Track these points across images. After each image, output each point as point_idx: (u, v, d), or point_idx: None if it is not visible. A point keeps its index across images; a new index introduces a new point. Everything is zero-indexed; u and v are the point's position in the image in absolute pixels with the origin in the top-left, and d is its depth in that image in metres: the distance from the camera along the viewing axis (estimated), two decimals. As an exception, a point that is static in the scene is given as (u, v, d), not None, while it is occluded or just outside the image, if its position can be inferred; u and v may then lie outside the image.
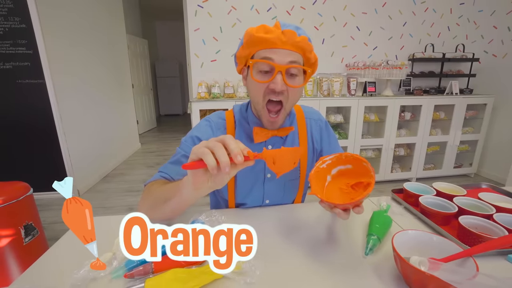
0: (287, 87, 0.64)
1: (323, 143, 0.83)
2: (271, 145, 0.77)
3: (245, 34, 0.65)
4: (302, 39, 0.62)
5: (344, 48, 2.75)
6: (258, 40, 0.62)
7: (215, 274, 0.49)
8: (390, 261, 0.53)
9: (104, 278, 0.50)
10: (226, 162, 0.43)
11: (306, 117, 0.82)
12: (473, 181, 2.89)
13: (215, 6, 2.46)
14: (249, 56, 0.67)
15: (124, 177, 3.04)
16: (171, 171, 0.70)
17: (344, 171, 0.61)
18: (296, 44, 0.62)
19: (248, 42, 0.64)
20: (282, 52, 0.62)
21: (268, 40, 0.61)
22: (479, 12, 2.84)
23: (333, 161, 0.61)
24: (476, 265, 0.44)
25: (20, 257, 1.27)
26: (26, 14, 2.06)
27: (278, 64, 0.61)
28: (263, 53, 0.63)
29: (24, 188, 1.35)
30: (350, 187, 0.58)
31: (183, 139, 0.75)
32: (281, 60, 0.62)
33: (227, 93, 2.46)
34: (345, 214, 0.51)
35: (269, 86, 0.64)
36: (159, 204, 0.58)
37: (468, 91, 2.76)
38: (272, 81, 0.63)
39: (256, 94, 0.67)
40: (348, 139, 2.56)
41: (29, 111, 2.25)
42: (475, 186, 0.89)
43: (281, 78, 0.62)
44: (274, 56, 0.62)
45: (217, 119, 0.78)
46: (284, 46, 0.62)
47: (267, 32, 0.62)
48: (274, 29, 0.62)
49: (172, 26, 6.72)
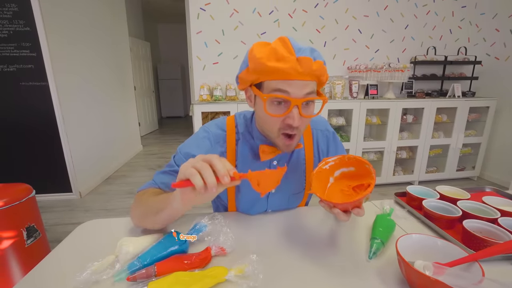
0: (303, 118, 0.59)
1: (329, 153, 0.80)
2: (276, 161, 0.74)
3: (250, 57, 0.57)
4: (318, 66, 0.56)
5: (346, 50, 2.75)
6: (269, 70, 0.55)
7: (218, 277, 0.48)
8: (394, 265, 0.53)
9: (106, 281, 0.50)
10: (213, 183, 0.44)
11: (312, 128, 0.78)
12: (476, 184, 2.87)
13: (217, 9, 2.47)
14: (256, 81, 0.60)
15: (126, 179, 3.05)
16: (163, 182, 0.69)
17: (347, 174, 0.61)
18: (312, 72, 0.56)
19: (256, 69, 0.57)
20: (298, 84, 0.55)
21: (281, 71, 0.54)
22: (481, 15, 2.84)
23: (336, 162, 0.61)
24: (482, 270, 0.44)
25: (22, 259, 1.27)
26: (30, 17, 2.08)
27: (295, 98, 0.56)
28: (276, 85, 0.56)
29: (27, 190, 1.35)
30: (352, 189, 0.58)
31: (178, 149, 0.72)
32: (297, 93, 0.56)
33: (229, 96, 2.46)
34: (344, 215, 0.51)
35: (285, 121, 0.59)
36: (150, 214, 0.59)
37: (470, 94, 2.75)
38: (289, 115, 0.58)
39: (271, 126, 0.62)
40: (350, 142, 2.56)
41: (32, 113, 2.27)
42: (479, 189, 0.88)
43: (297, 112, 0.57)
44: (290, 89, 0.55)
45: (217, 130, 0.73)
46: (300, 77, 0.55)
47: (280, 60, 0.54)
48: (288, 56, 0.53)
49: (174, 29, 6.76)
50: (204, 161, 0.46)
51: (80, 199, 2.51)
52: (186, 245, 0.57)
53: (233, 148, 0.72)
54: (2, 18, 2.06)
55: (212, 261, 0.55)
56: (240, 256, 0.53)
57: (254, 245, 0.61)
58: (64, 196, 2.50)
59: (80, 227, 0.70)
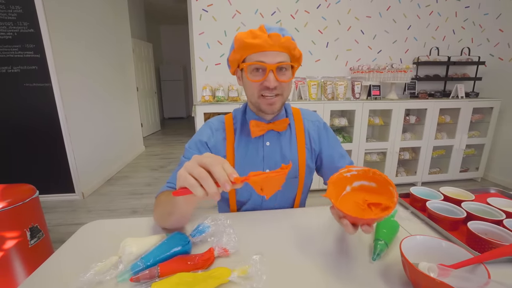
0: (279, 82, 0.71)
1: (321, 143, 0.84)
2: (268, 141, 0.80)
3: (235, 39, 0.71)
4: (286, 39, 0.69)
5: (348, 51, 2.75)
6: (248, 45, 0.68)
7: (221, 278, 0.48)
8: (398, 267, 0.53)
9: (110, 281, 0.50)
10: (214, 192, 0.44)
11: (304, 119, 0.86)
12: (479, 185, 2.85)
13: (219, 10, 2.48)
14: (241, 59, 0.73)
15: (128, 180, 3.06)
16: (173, 182, 0.74)
17: (366, 187, 0.58)
18: (281, 44, 0.69)
19: (239, 47, 0.70)
20: (271, 54, 0.69)
21: (257, 44, 0.68)
22: (484, 15, 2.82)
23: (359, 173, 0.58)
24: (488, 272, 0.43)
25: (25, 260, 1.28)
26: (34, 19, 2.10)
27: (269, 63, 0.69)
28: (254, 57, 0.70)
29: (30, 190, 1.36)
30: (367, 205, 0.55)
31: (186, 146, 0.80)
32: (271, 61, 0.69)
33: (231, 96, 2.46)
34: (352, 228, 0.50)
35: (263, 84, 0.71)
36: (165, 216, 0.63)
37: (474, 95, 2.73)
38: (266, 79, 0.70)
39: (252, 92, 0.74)
40: (353, 143, 2.55)
41: (36, 114, 2.28)
42: (483, 191, 0.88)
43: (273, 75, 0.69)
44: (264, 58, 0.69)
45: (217, 122, 0.84)
46: (271, 48, 0.68)
47: (255, 37, 0.68)
48: (261, 34, 0.68)
49: (176, 30, 6.79)
50: (202, 166, 0.46)
51: (83, 200, 2.52)
52: (189, 246, 0.57)
53: (232, 135, 0.80)
54: (6, 20, 2.08)
55: (215, 262, 0.55)
56: (243, 257, 0.53)
57: (257, 246, 0.61)
58: (67, 197, 2.51)
59: (83, 228, 0.70)
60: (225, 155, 0.79)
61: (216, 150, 0.79)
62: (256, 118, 0.80)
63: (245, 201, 0.82)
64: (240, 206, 0.83)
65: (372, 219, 0.48)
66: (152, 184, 2.90)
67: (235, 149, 0.79)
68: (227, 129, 0.81)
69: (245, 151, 0.79)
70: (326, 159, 0.84)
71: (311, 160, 0.83)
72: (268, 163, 0.79)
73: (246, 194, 0.81)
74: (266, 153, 0.79)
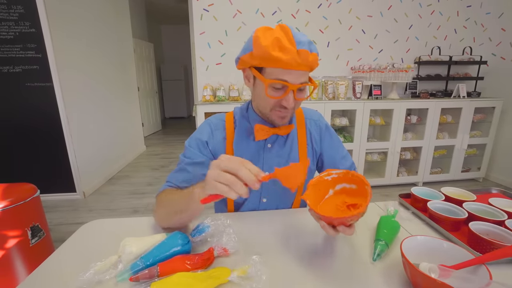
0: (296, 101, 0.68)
1: (323, 144, 0.83)
2: (270, 143, 0.79)
3: (255, 42, 0.62)
4: (313, 57, 0.64)
5: (350, 51, 2.74)
6: (274, 59, 0.61)
7: (220, 278, 0.48)
8: (398, 267, 0.52)
9: (109, 281, 0.50)
10: (246, 192, 0.47)
11: (306, 118, 0.84)
12: (481, 185, 2.84)
13: (220, 9, 2.48)
14: (258, 66, 0.67)
15: (129, 179, 3.06)
16: (177, 180, 0.73)
17: (347, 190, 0.59)
18: (308, 63, 0.64)
19: (261, 56, 0.62)
20: (296, 74, 0.64)
21: (284, 61, 0.61)
22: (486, 14, 2.81)
23: (340, 176, 0.59)
24: (489, 273, 0.43)
25: (26, 258, 1.28)
26: (36, 19, 2.10)
27: (292, 84, 0.64)
28: (277, 73, 0.63)
29: (31, 189, 1.36)
30: (346, 207, 0.56)
31: (186, 144, 0.78)
32: (294, 81, 0.64)
33: (232, 96, 2.46)
34: (331, 229, 0.51)
35: (281, 103, 0.67)
36: (172, 215, 0.63)
37: (475, 94, 2.72)
38: (285, 98, 0.66)
39: (266, 105, 0.70)
40: (354, 143, 2.54)
41: (37, 114, 2.29)
42: (485, 191, 0.87)
43: (293, 96, 0.66)
44: (289, 77, 0.63)
45: (217, 120, 0.82)
46: (298, 68, 0.63)
47: (282, 51, 0.60)
48: (290, 48, 0.60)
49: (177, 30, 6.79)
50: (227, 171, 0.48)
51: (84, 199, 2.53)
52: (189, 246, 0.57)
53: (232, 135, 0.79)
54: (8, 20, 2.08)
55: (215, 262, 0.55)
56: (243, 257, 0.53)
57: (257, 246, 0.61)
58: (68, 196, 2.52)
59: (84, 227, 0.70)
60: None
61: (215, 151, 0.78)
62: (261, 122, 0.77)
63: (241, 202, 0.81)
64: (238, 207, 0.82)
65: (344, 218, 0.49)
66: (153, 184, 2.91)
67: (234, 150, 0.77)
68: (227, 128, 0.80)
69: (245, 151, 0.78)
70: (327, 160, 0.83)
71: (312, 162, 0.83)
72: (268, 165, 0.78)
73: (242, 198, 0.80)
74: (267, 155, 0.78)
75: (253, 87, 0.73)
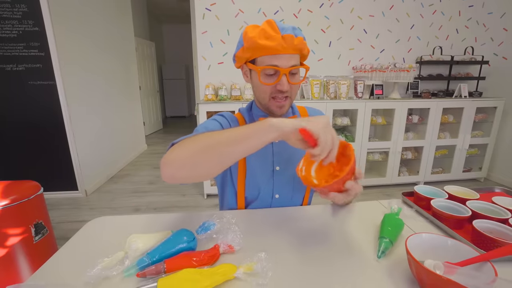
0: (291, 85, 0.71)
1: None
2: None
3: (244, 37, 0.68)
4: (299, 41, 0.67)
5: (351, 50, 2.74)
6: (260, 47, 0.66)
7: (227, 275, 0.49)
8: (403, 264, 0.53)
9: (116, 276, 0.50)
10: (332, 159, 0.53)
11: (309, 114, 0.88)
12: (483, 185, 2.84)
13: (222, 9, 2.48)
14: (250, 58, 0.71)
15: (130, 178, 3.07)
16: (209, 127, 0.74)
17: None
18: (295, 47, 0.67)
19: (250, 47, 0.68)
20: (284, 57, 0.67)
21: (270, 47, 0.65)
22: (488, 14, 2.80)
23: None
24: (495, 269, 0.43)
25: (30, 255, 1.29)
26: (39, 17, 2.11)
27: (283, 68, 0.67)
28: (267, 60, 0.68)
29: (35, 187, 1.37)
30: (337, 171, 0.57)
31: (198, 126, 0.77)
32: (284, 64, 0.67)
33: (234, 95, 2.47)
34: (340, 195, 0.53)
35: (276, 87, 0.71)
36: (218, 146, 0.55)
37: (477, 94, 2.72)
38: (279, 83, 0.69)
39: (263, 94, 0.73)
40: (355, 142, 2.54)
41: (40, 112, 2.30)
42: (488, 190, 0.87)
43: (286, 79, 0.69)
44: (278, 62, 0.67)
45: (230, 115, 0.84)
46: (285, 51, 0.67)
47: (268, 38, 0.65)
48: (275, 35, 0.65)
49: (179, 29, 6.79)
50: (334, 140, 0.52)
51: (86, 198, 2.54)
52: (195, 243, 0.57)
53: None
54: (12, 18, 2.09)
55: (220, 258, 0.56)
56: (249, 253, 0.53)
57: (262, 243, 0.61)
58: (70, 194, 2.53)
59: (89, 224, 0.71)
60: None
61: None
62: (264, 115, 0.79)
63: (253, 199, 0.81)
64: (251, 203, 0.82)
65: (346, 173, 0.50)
66: (154, 183, 2.92)
67: None
68: (240, 123, 0.82)
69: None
70: None
71: None
72: (278, 158, 0.80)
73: (254, 193, 0.80)
74: (276, 149, 0.80)
75: (251, 81, 0.76)
